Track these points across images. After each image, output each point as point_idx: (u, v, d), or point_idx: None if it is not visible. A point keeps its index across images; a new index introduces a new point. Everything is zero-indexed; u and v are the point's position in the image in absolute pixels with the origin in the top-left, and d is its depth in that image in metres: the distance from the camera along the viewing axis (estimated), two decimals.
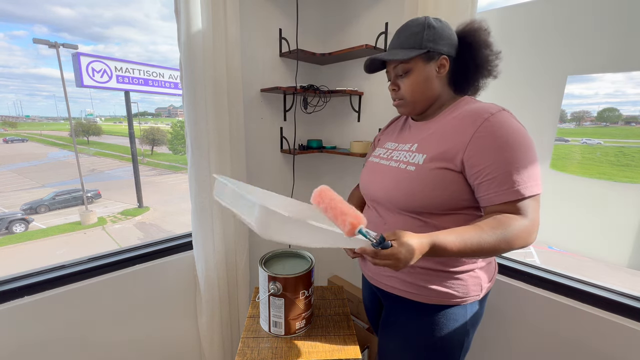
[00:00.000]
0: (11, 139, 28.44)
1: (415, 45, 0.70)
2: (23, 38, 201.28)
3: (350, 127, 1.57)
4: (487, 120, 0.62)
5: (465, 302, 0.73)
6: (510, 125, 0.62)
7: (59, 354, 1.03)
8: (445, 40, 0.70)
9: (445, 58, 0.71)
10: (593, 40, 0.91)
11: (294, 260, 1.02)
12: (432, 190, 0.66)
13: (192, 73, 1.07)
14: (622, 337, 0.90)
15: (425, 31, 0.69)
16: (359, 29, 1.44)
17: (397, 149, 0.78)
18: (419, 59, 0.70)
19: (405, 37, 0.71)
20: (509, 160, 0.60)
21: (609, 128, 10.99)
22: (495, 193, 0.61)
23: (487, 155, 0.61)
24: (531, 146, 0.62)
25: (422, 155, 0.69)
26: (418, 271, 0.73)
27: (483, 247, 0.58)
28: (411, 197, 0.69)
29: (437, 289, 0.71)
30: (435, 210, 0.68)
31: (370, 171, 0.83)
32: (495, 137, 0.61)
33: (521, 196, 0.59)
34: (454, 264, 0.71)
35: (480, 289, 0.73)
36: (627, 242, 0.93)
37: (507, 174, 0.60)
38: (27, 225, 8.89)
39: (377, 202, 0.79)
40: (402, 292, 0.76)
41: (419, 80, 0.71)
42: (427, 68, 0.71)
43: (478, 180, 0.63)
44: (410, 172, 0.69)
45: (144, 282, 1.20)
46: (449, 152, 0.65)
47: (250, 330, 0.96)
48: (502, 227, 0.59)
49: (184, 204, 10.76)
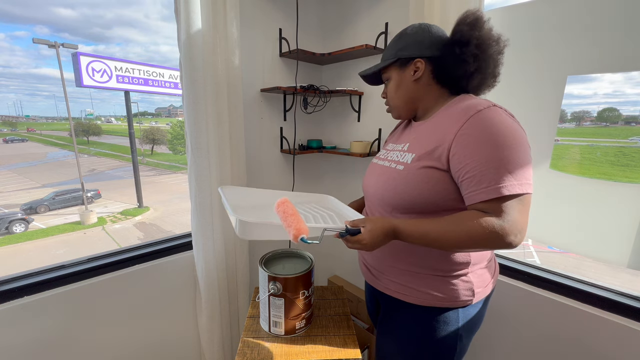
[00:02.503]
0: (11, 139, 28.45)
1: (389, 57, 0.76)
2: (24, 38, 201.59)
3: (350, 127, 1.57)
4: (472, 116, 0.60)
5: (456, 306, 0.72)
6: (500, 121, 0.59)
7: (58, 354, 1.03)
8: (418, 45, 0.71)
9: (419, 61, 0.71)
10: (593, 40, 0.91)
11: (294, 260, 1.02)
12: (418, 189, 0.66)
13: (192, 73, 1.07)
14: (622, 337, 0.90)
15: (398, 41, 0.75)
16: (359, 29, 1.44)
17: (394, 150, 0.79)
18: (393, 67, 0.76)
19: (387, 50, 0.79)
20: (492, 158, 0.57)
21: (609, 128, 11.02)
22: (474, 191, 0.59)
23: (470, 152, 0.59)
24: (520, 144, 0.58)
25: (411, 154, 0.70)
26: (410, 273, 0.73)
27: (445, 239, 0.61)
28: (398, 195, 0.69)
29: (427, 291, 0.71)
30: (424, 209, 0.68)
31: (370, 172, 0.85)
32: (479, 133, 0.59)
33: (500, 195, 0.56)
34: (445, 267, 0.70)
35: (472, 293, 0.71)
36: (627, 242, 0.93)
37: (488, 172, 0.57)
38: (27, 225, 8.88)
39: (372, 202, 0.80)
40: (396, 294, 0.76)
41: (395, 86, 0.77)
42: (402, 74, 0.75)
43: (461, 178, 0.61)
44: (399, 171, 0.70)
45: (144, 282, 1.20)
46: (435, 151, 0.65)
47: (250, 330, 0.96)
48: (463, 223, 0.59)
49: (184, 203, 10.76)
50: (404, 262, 0.74)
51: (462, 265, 0.71)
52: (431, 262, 0.71)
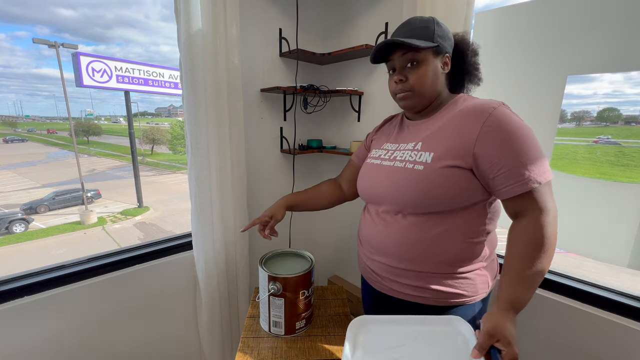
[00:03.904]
0: (11, 139, 28.45)
1: (427, 38, 0.70)
2: (25, 39, 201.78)
3: (350, 127, 1.57)
4: (491, 114, 0.63)
5: (474, 301, 0.73)
6: (513, 118, 0.64)
7: (58, 354, 1.03)
8: (447, 41, 0.73)
9: (448, 56, 0.73)
10: (593, 41, 0.91)
11: (294, 260, 1.02)
12: (443, 187, 0.66)
13: (192, 73, 1.07)
14: (622, 337, 0.90)
15: (435, 26, 0.71)
16: (359, 29, 1.44)
17: (399, 149, 0.77)
18: (429, 52, 0.71)
19: (417, 29, 0.71)
20: (520, 152, 0.61)
21: (609, 128, 11.04)
22: (513, 184, 0.62)
23: (498, 148, 0.62)
24: (535, 136, 0.63)
25: (429, 153, 0.69)
26: (426, 275, 0.72)
27: (539, 266, 0.61)
28: (421, 196, 0.68)
29: (446, 290, 0.71)
30: (445, 208, 0.68)
31: (373, 173, 0.81)
32: (503, 130, 0.62)
33: (538, 184, 0.61)
34: (460, 265, 0.71)
35: (488, 286, 0.75)
36: (627, 242, 0.93)
37: (521, 165, 0.61)
38: (27, 225, 8.88)
39: (381, 204, 0.78)
40: (410, 297, 0.75)
41: (429, 72, 0.71)
42: (435, 62, 0.72)
43: (493, 174, 0.63)
44: (419, 172, 0.69)
45: (144, 282, 1.20)
46: (456, 149, 0.66)
47: (250, 330, 0.96)
48: (534, 243, 0.61)
49: (184, 203, 10.76)
50: (420, 264, 0.72)
51: (479, 259, 0.72)
52: (448, 261, 0.71)
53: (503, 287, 0.62)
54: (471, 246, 0.71)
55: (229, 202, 1.25)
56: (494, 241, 0.77)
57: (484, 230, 0.71)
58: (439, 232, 0.70)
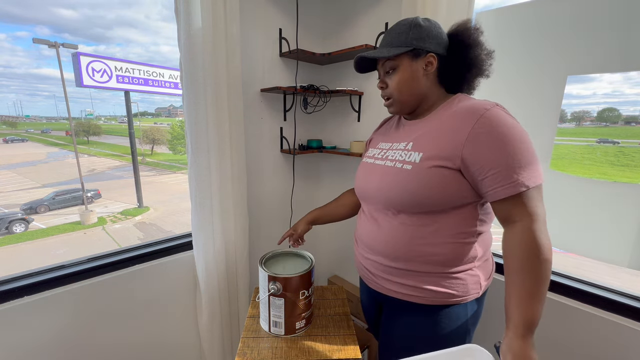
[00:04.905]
0: (11, 139, 28.44)
1: (401, 44, 0.71)
2: (25, 39, 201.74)
3: (350, 127, 1.57)
4: (482, 116, 0.62)
5: (466, 301, 0.73)
6: (506, 119, 0.62)
7: (58, 354, 1.03)
8: (433, 39, 0.71)
9: (432, 56, 0.71)
10: (592, 41, 0.91)
11: (294, 260, 1.02)
12: (429, 188, 0.66)
13: (192, 73, 1.07)
14: (622, 337, 0.90)
15: (411, 30, 0.71)
16: (359, 29, 1.44)
17: (391, 149, 0.78)
18: (405, 57, 0.71)
19: (393, 36, 0.73)
20: (510, 154, 0.60)
21: (609, 128, 11.03)
22: (500, 187, 0.61)
23: (488, 150, 0.61)
24: (528, 139, 0.62)
25: (418, 153, 0.69)
26: (418, 274, 0.73)
27: (542, 277, 0.60)
28: (409, 195, 0.69)
29: (438, 289, 0.71)
30: (434, 208, 0.68)
31: (366, 172, 0.82)
32: (493, 132, 0.61)
33: (526, 188, 0.60)
34: (451, 265, 0.71)
35: (480, 286, 0.74)
36: (627, 242, 0.93)
37: (510, 168, 0.60)
38: (27, 225, 8.88)
39: (372, 203, 0.79)
40: (403, 296, 0.76)
41: (405, 77, 0.72)
42: (413, 65, 0.72)
43: (481, 176, 0.63)
44: (407, 171, 0.69)
45: (144, 282, 1.20)
46: (446, 150, 0.65)
47: (250, 330, 0.96)
48: (528, 253, 0.60)
49: (184, 203, 10.76)
50: (411, 263, 0.73)
51: (470, 260, 0.72)
52: (441, 261, 0.71)
53: (513, 310, 0.61)
54: (462, 247, 0.71)
55: (229, 202, 1.25)
56: (488, 241, 0.77)
57: (475, 231, 0.71)
58: (429, 232, 0.70)
